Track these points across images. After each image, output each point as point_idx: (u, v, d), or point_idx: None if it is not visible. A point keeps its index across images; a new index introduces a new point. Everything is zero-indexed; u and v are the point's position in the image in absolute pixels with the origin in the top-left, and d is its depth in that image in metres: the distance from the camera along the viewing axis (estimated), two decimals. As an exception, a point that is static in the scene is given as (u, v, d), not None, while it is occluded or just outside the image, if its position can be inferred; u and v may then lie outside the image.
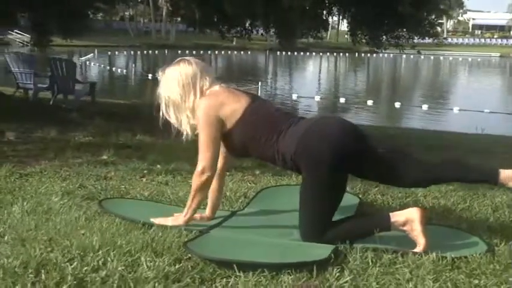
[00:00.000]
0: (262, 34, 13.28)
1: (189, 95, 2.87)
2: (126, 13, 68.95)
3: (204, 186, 2.88)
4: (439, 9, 11.12)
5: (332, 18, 12.40)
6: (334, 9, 11.52)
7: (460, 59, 53.88)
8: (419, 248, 2.62)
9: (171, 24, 52.31)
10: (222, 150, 3.04)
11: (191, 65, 2.92)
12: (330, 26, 60.91)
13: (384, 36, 10.59)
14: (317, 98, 19.46)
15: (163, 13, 40.28)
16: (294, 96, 19.71)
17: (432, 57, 52.45)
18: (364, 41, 11.18)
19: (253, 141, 2.80)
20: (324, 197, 2.70)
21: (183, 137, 2.94)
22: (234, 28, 12.61)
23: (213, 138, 2.81)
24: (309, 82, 30.08)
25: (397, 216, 2.71)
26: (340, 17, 12.94)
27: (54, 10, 13.01)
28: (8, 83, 11.78)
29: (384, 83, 30.87)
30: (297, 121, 2.82)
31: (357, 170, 2.83)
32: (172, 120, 2.94)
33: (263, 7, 10.46)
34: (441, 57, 53.74)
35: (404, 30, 10.27)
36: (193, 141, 2.97)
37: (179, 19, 19.50)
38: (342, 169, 2.72)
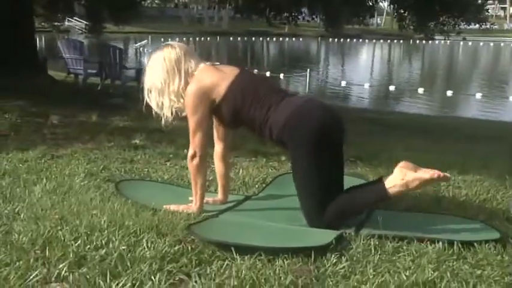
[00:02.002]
0: (308, 21, 13.20)
1: (174, 79, 2.91)
2: (180, 0, 69.77)
3: (199, 169, 2.93)
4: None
5: (378, 3, 12.13)
6: (381, -5, 11.32)
7: (523, 45, 51.80)
8: (432, 175, 2.62)
9: (224, 11, 52.56)
10: (220, 134, 3.11)
11: (174, 50, 2.95)
12: (384, 12, 59.93)
13: (431, 23, 10.33)
14: (366, 86, 19.21)
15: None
16: (343, 83, 19.53)
17: (492, 44, 50.71)
18: (411, 27, 10.94)
19: (243, 111, 2.83)
20: (310, 173, 2.72)
21: (162, 122, 2.97)
22: (280, 15, 12.60)
23: (200, 122, 2.86)
24: (360, 69, 29.65)
25: (391, 182, 2.69)
26: (388, 3, 12.68)
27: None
28: (61, 69, 12.18)
29: (438, 71, 30.05)
30: (288, 97, 2.86)
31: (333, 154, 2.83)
32: (153, 104, 2.97)
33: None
34: (502, 44, 51.81)
35: (449, 16, 9.97)
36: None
37: (231, 6, 19.62)
38: (323, 147, 2.72)
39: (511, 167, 4.39)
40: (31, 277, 1.99)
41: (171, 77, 2.91)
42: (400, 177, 2.67)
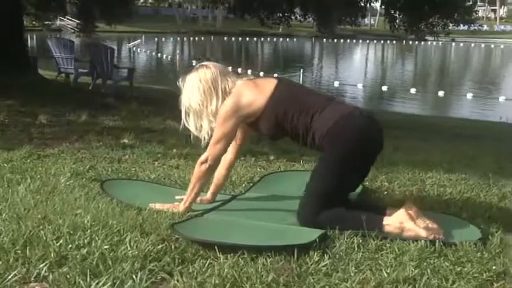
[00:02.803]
0: (300, 21, 13.22)
1: (212, 100, 2.89)
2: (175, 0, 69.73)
3: (204, 176, 2.93)
4: (475, -5, 10.77)
5: (370, 4, 12.16)
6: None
7: (512, 46, 52.06)
8: (428, 235, 2.59)
9: (218, 11, 52.56)
10: (237, 145, 3.10)
11: (209, 69, 2.93)
12: (377, 13, 60.09)
13: (421, 24, 10.38)
14: (359, 86, 19.28)
15: (210, -1, 40.51)
16: (336, 84, 19.59)
17: (483, 45, 50.97)
18: (402, 28, 10.97)
19: (285, 122, 2.81)
20: (333, 177, 2.73)
21: (202, 144, 2.96)
22: (272, 15, 12.60)
23: (226, 135, 2.86)
24: (353, 69, 29.76)
25: (390, 220, 2.70)
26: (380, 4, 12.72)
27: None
28: (52, 68, 12.12)
29: (430, 72, 30.18)
30: (332, 104, 2.84)
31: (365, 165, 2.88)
32: (191, 127, 2.96)
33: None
34: (492, 45, 52.05)
35: (438, 16, 10.03)
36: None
37: (224, 6, 19.63)
38: (359, 158, 2.75)
39: (496, 165, 4.43)
40: (9, 277, 1.98)
41: (209, 97, 2.89)
42: (399, 220, 2.67)
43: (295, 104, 2.81)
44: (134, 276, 2.06)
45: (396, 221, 2.68)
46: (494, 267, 2.30)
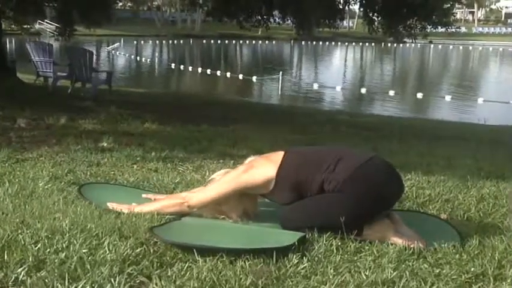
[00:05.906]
0: (279, 23, 13.25)
1: None
2: (154, 3, 69.50)
3: (176, 212, 2.90)
4: (453, -1, 10.88)
5: (348, 6, 12.26)
6: (350, -1, 11.46)
7: (491, 48, 52.82)
8: (408, 245, 2.57)
9: (197, 14, 52.51)
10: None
11: None
12: (356, 16, 60.59)
13: (399, 26, 10.49)
14: (338, 88, 19.40)
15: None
16: (315, 86, 19.69)
17: (461, 47, 51.61)
18: (380, 30, 11.07)
19: (300, 185, 2.79)
20: (336, 216, 2.62)
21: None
22: (251, 17, 12.61)
23: (224, 199, 2.84)
24: (332, 72, 29.93)
25: (369, 231, 2.69)
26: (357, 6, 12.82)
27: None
28: (32, 72, 11.97)
29: (409, 74, 30.51)
30: (347, 155, 2.82)
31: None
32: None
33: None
34: (470, 47, 52.76)
35: (416, 19, 10.15)
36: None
37: (204, 8, 19.54)
38: (374, 208, 2.73)
39: (474, 167, 4.48)
40: (-13, 282, 1.97)
41: None
42: (381, 230, 2.67)
43: (306, 167, 2.80)
44: (113, 280, 2.04)
45: (377, 230, 2.69)
46: (472, 269, 2.32)
